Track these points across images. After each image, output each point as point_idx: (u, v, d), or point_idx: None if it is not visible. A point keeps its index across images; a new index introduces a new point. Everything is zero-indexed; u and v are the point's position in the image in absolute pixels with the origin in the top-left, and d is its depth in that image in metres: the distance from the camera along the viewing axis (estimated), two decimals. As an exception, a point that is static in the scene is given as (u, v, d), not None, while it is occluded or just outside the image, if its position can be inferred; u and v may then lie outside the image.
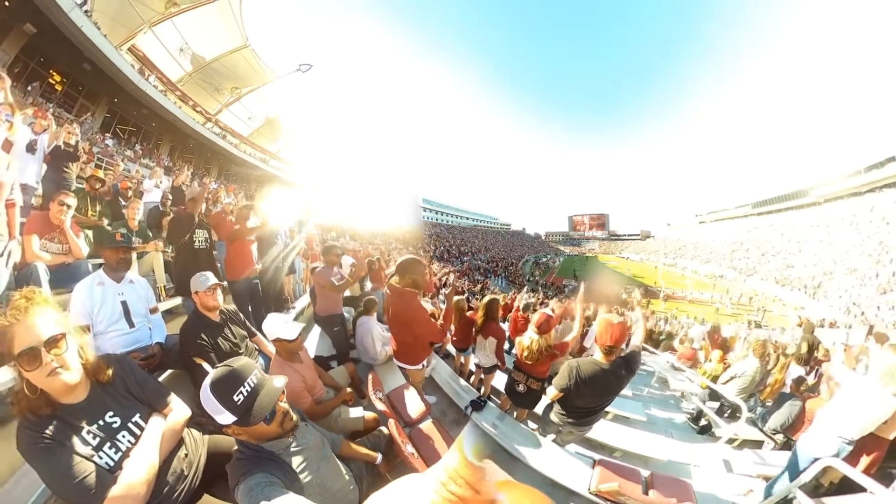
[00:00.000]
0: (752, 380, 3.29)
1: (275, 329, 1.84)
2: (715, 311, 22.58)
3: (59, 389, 0.96)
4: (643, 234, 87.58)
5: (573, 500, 2.05)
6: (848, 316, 18.20)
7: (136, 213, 3.63)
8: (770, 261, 34.12)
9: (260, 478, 0.89)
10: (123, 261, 1.98)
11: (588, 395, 2.06)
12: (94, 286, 1.85)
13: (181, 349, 1.86)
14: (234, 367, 0.99)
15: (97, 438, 0.99)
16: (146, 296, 2.09)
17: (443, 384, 3.22)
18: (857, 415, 1.98)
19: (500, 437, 2.51)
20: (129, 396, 1.13)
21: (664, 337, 7.64)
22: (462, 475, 0.37)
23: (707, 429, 3.51)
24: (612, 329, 1.90)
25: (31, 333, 0.91)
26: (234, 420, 0.93)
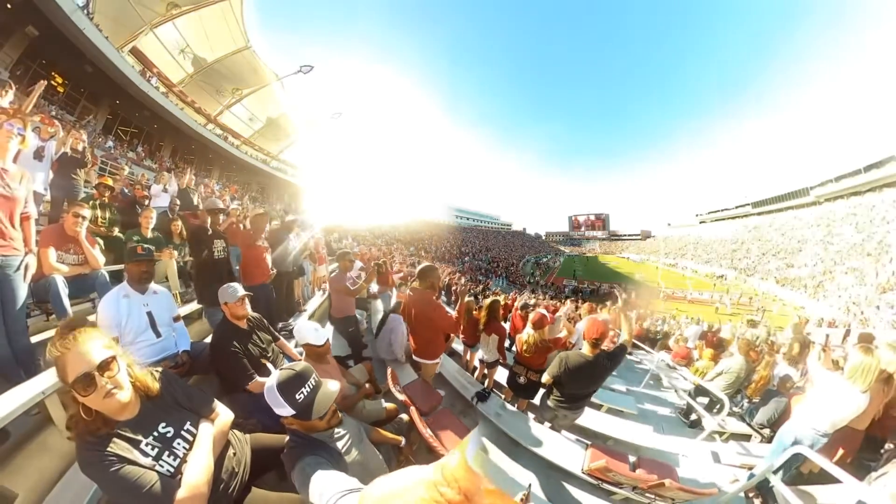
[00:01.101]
0: (737, 376, 3.45)
1: (305, 335, 2.02)
2: (715, 311, 22.68)
3: (114, 409, 1.02)
4: (643, 234, 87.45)
5: (569, 480, 2.24)
6: (848, 315, 18.18)
7: (150, 221, 3.61)
8: (770, 260, 34.09)
9: (311, 459, 1.05)
10: (146, 273, 2.04)
11: (576, 382, 2.40)
12: (120, 299, 1.91)
13: (215, 358, 1.94)
14: (297, 371, 1.16)
15: (155, 449, 1.06)
16: (169, 305, 2.16)
17: (450, 379, 3.48)
18: (829, 409, 2.14)
19: (503, 425, 2.76)
20: (178, 407, 1.21)
21: (660, 336, 7.77)
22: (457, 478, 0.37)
23: (697, 423, 3.67)
24: (596, 325, 2.27)
25: (83, 360, 0.96)
26: (293, 414, 1.11)
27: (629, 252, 71.28)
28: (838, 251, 28.05)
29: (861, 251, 25.71)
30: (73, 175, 4.15)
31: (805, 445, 2.04)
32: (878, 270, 21.81)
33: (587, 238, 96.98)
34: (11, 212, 1.76)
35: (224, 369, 1.90)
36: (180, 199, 5.42)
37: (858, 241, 27.61)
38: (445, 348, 3.43)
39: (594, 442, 2.56)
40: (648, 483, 1.89)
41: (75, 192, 4.17)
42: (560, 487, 2.32)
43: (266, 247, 3.52)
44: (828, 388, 2.19)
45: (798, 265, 29.90)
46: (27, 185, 1.88)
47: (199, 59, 22.07)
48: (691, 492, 1.83)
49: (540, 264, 54.71)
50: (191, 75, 22.32)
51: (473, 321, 3.77)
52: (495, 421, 2.85)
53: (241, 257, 3.42)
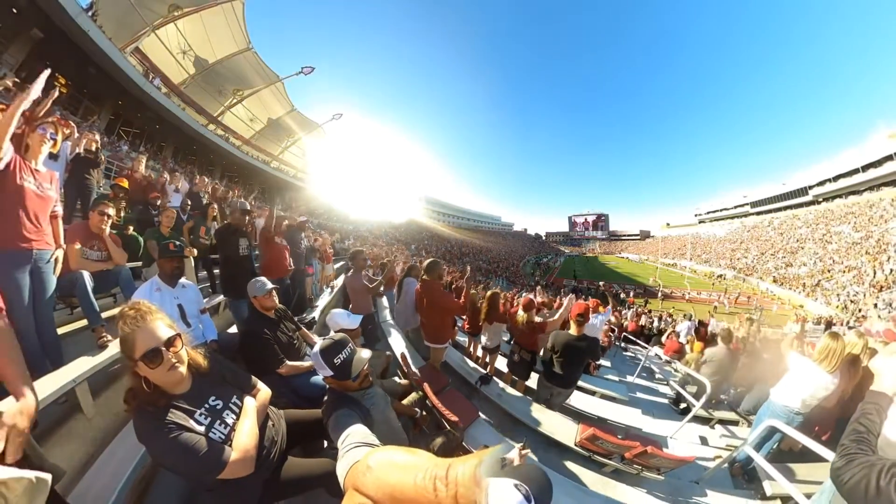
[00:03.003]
0: (720, 363, 3.66)
1: (339, 321, 2.24)
2: (713, 309, 22.73)
3: (174, 382, 1.12)
4: (643, 234, 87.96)
5: (564, 455, 2.50)
6: (845, 313, 18.39)
7: (171, 221, 3.74)
8: (769, 260, 34.28)
9: (344, 411, 1.24)
10: (178, 269, 2.19)
11: (563, 358, 2.89)
12: (153, 292, 2.05)
13: (248, 344, 2.12)
14: (336, 340, 1.37)
15: (208, 419, 1.17)
16: (197, 298, 2.29)
17: (456, 367, 3.77)
18: (800, 389, 2.36)
19: (504, 405, 3.04)
20: (225, 382, 1.34)
21: (655, 333, 8.00)
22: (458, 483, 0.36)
23: (687, 411, 3.84)
24: (579, 305, 2.87)
25: (152, 337, 1.06)
26: (332, 375, 1.33)
27: (628, 252, 71.75)
28: (836, 250, 28.24)
29: (859, 250, 25.92)
30: (86, 175, 4.28)
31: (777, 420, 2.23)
32: (875, 269, 22.07)
33: (587, 238, 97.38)
34: (44, 210, 1.88)
35: (256, 354, 2.06)
36: (191, 199, 5.61)
37: (856, 239, 27.82)
38: (453, 335, 3.74)
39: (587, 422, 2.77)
40: (633, 451, 2.08)
41: (88, 192, 4.30)
42: (556, 462, 2.52)
43: (286, 245, 3.74)
44: (799, 371, 2.40)
45: (796, 264, 30.09)
46: (56, 186, 2.00)
47: (201, 60, 22.16)
48: (671, 458, 2.02)
49: (540, 264, 54.95)
50: (192, 76, 22.37)
51: (476, 312, 4.06)
52: (497, 401, 3.12)
53: (263, 254, 3.61)
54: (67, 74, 15.75)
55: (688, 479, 2.34)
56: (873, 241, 25.86)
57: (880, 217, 28.57)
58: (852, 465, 0.78)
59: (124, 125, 19.21)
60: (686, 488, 2.24)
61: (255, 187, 26.98)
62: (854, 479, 0.75)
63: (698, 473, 2.39)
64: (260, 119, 28.75)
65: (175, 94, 20.72)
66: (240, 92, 25.65)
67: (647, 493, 2.06)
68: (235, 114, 26.73)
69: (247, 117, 27.84)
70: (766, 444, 2.45)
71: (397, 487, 0.45)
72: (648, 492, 2.08)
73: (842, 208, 35.41)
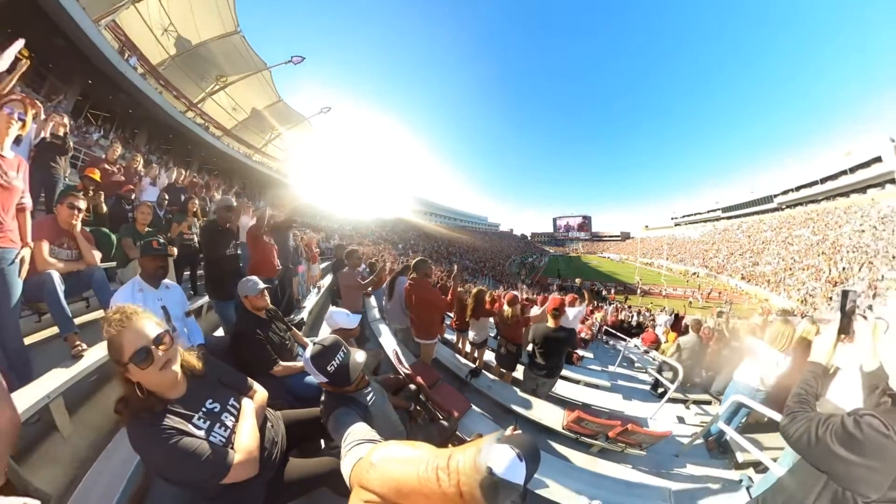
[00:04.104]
0: (692, 350, 4.01)
1: (338, 321, 2.20)
2: (688, 304, 24.30)
3: (168, 383, 1.06)
4: (623, 235, 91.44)
5: (553, 438, 2.63)
6: (805, 306, 20.21)
7: (147, 217, 3.40)
8: (738, 259, 36.95)
9: (343, 410, 1.23)
10: (162, 268, 2.03)
11: (543, 349, 3.07)
12: (136, 293, 1.90)
13: (240, 345, 2.05)
14: (326, 345, 1.32)
15: (207, 422, 1.12)
16: (181, 300, 2.15)
17: (446, 362, 3.85)
18: (757, 368, 2.64)
19: (495, 395, 3.15)
20: (221, 385, 1.29)
21: (634, 326, 8.46)
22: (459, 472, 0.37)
23: (664, 395, 4.10)
24: (554, 300, 3.09)
25: (140, 336, 1.00)
26: (327, 381, 1.30)
27: (610, 252, 74.62)
28: (797, 251, 30.96)
29: (817, 251, 28.49)
30: (52, 163, 3.80)
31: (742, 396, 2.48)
32: (830, 267, 24.47)
33: (570, 239, 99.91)
34: (9, 203, 1.66)
35: (249, 356, 2.00)
36: (168, 194, 5.05)
37: (814, 242, 30.57)
38: (441, 331, 3.78)
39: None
40: (616, 430, 2.23)
41: (54, 182, 3.87)
42: (546, 445, 2.64)
43: (274, 245, 3.62)
44: (757, 353, 2.69)
45: (762, 263, 32.62)
46: (24, 174, 1.79)
47: (184, 40, 19.81)
48: (651, 433, 2.19)
49: (525, 264, 55.86)
50: (172, 57, 19.95)
51: (463, 309, 4.16)
52: (487, 392, 3.23)
53: (252, 254, 3.46)
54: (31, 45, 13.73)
55: (668, 454, 2.53)
56: (829, 244, 28.47)
57: (835, 223, 31.62)
58: (795, 421, 0.90)
59: (93, 108, 16.92)
60: (667, 461, 2.43)
61: (235, 182, 24.79)
62: (798, 433, 0.87)
63: (677, 448, 2.60)
64: (243, 109, 26.62)
65: (152, 76, 18.37)
66: (223, 78, 23.30)
67: (633, 469, 2.23)
68: (217, 101, 24.48)
69: (229, 106, 25.62)
70: (735, 418, 2.70)
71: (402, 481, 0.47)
72: (633, 467, 2.25)
73: (802, 215, 39.08)
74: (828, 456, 0.78)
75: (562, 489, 1.78)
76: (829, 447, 0.77)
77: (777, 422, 1.56)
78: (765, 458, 1.79)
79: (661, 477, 2.21)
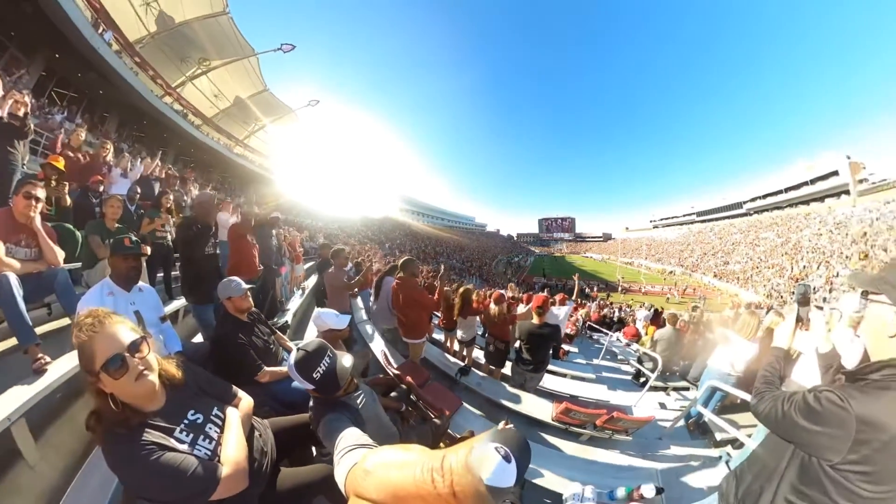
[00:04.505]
0: (669, 342, 4.26)
1: (329, 321, 2.09)
2: (665, 300, 26.20)
3: (145, 394, 0.98)
4: (605, 236, 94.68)
5: (544, 430, 2.70)
6: (770, 299, 22.36)
7: (117, 211, 3.08)
8: (710, 259, 39.88)
9: (333, 416, 1.17)
10: (134, 269, 1.85)
11: (529, 345, 3.15)
12: (105, 297, 1.71)
13: (222, 351, 1.92)
14: (310, 350, 1.25)
15: (190, 435, 1.04)
16: (156, 304, 1.98)
17: (435, 361, 3.85)
18: (727, 355, 2.87)
19: (485, 392, 3.19)
20: (203, 394, 1.20)
21: (616, 321, 8.85)
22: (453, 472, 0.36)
23: (646, 384, 4.33)
24: (537, 299, 3.14)
25: (113, 342, 0.92)
26: (314, 389, 1.23)
27: (592, 252, 77.46)
28: (763, 251, 33.77)
29: (780, 251, 31.28)
30: (9, 148, 3.41)
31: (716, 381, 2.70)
32: (792, 265, 27.02)
33: (555, 239, 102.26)
34: None
35: (231, 362, 1.88)
36: (140, 186, 4.54)
37: (778, 243, 33.52)
38: (429, 330, 3.83)
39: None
40: (602, 418, 2.34)
41: (11, 169, 3.47)
42: (537, 437, 2.70)
43: (255, 244, 3.44)
44: (727, 341, 2.94)
45: (732, 262, 35.36)
46: None
47: (166, 17, 17.98)
48: (635, 419, 2.31)
49: (511, 263, 56.65)
50: (153, 35, 18.04)
51: (450, 308, 4.16)
52: (478, 389, 3.26)
53: (233, 253, 3.28)
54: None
55: (653, 437, 2.69)
56: (791, 245, 31.36)
57: (797, 227, 35.01)
58: (763, 400, 0.98)
59: (59, 86, 14.83)
60: (652, 444, 2.58)
61: (214, 175, 23.13)
62: (766, 410, 0.95)
63: (661, 431, 2.76)
64: (226, 96, 24.46)
65: (128, 54, 16.36)
66: (206, 62, 21.26)
67: (621, 453, 2.35)
68: (198, 87, 22.25)
69: (211, 92, 23.37)
70: (711, 401, 2.89)
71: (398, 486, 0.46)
72: (621, 451, 2.37)
73: (768, 220, 42.92)
74: (793, 428, 0.86)
75: (556, 477, 1.85)
76: (794, 420, 0.85)
77: (748, 402, 1.70)
78: (740, 434, 1.95)
79: (647, 459, 2.34)
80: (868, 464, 0.75)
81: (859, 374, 0.87)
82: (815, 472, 0.82)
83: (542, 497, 1.81)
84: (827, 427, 0.79)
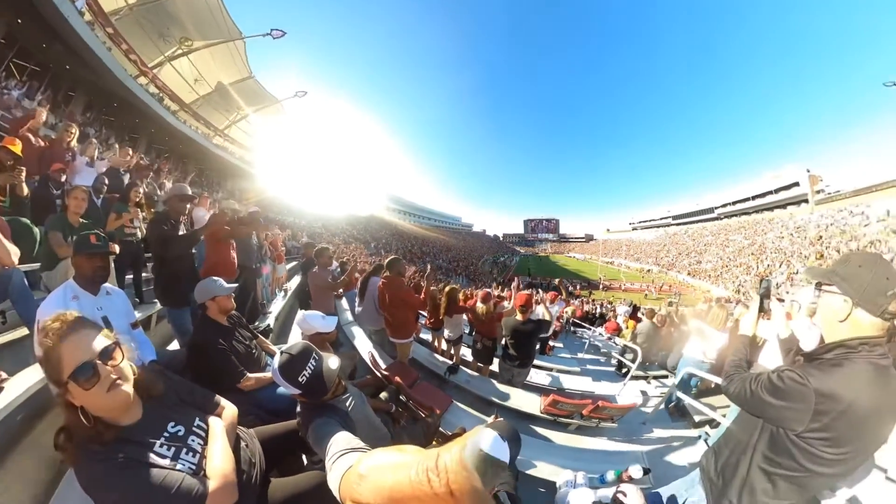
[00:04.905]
0: (648, 334, 4.53)
1: (315, 323, 2.02)
2: (643, 296, 27.87)
3: (119, 406, 0.90)
4: (587, 237, 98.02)
5: (533, 422, 2.78)
6: (738, 294, 24.47)
7: (82, 204, 2.75)
8: (685, 258, 43.00)
9: (322, 420, 1.12)
10: (101, 269, 1.69)
11: (514, 340, 3.24)
12: (69, 301, 1.55)
13: (201, 358, 1.81)
14: (294, 353, 1.20)
15: (171, 449, 0.97)
16: (126, 309, 1.81)
17: (423, 360, 3.85)
18: (700, 344, 3.11)
19: (474, 389, 3.22)
20: (183, 404, 1.13)
21: (598, 317, 9.27)
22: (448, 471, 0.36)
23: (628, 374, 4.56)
24: (521, 297, 3.20)
25: (82, 348, 0.84)
26: (300, 393, 1.18)
27: (575, 252, 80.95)
28: (732, 251, 36.88)
29: (747, 252, 34.25)
30: None
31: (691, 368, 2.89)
32: (757, 264, 29.74)
33: (540, 239, 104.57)
34: None
35: (212, 369, 1.77)
36: (108, 178, 4.07)
37: (745, 245, 36.45)
38: (416, 329, 3.80)
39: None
40: (588, 407, 2.44)
41: None
42: (527, 430, 2.76)
43: (233, 243, 3.20)
44: (699, 332, 3.17)
45: (704, 262, 38.40)
46: None
47: None
48: (619, 406, 2.44)
49: (497, 263, 57.38)
50: (130, 6, 16.37)
51: (436, 307, 4.14)
52: (467, 387, 3.27)
53: (209, 253, 3.04)
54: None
55: (637, 423, 2.85)
56: (757, 246, 34.54)
57: (762, 230, 38.62)
58: (733, 382, 1.07)
59: (19, 57, 13.03)
60: (637, 429, 2.75)
61: (190, 167, 20.99)
62: (736, 390, 1.04)
63: (644, 417, 2.92)
64: (207, 82, 22.50)
65: (101, 26, 14.60)
66: (188, 42, 19.44)
67: (608, 439, 2.48)
68: (177, 68, 20.33)
69: (191, 76, 21.36)
70: (688, 387, 3.11)
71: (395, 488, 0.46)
72: (609, 438, 2.50)
73: (736, 224, 46.78)
74: (761, 404, 0.95)
75: (548, 466, 1.92)
76: (761, 398, 0.94)
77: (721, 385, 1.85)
78: (715, 414, 2.12)
79: (633, 443, 2.49)
80: (828, 430, 0.84)
81: (815, 354, 0.97)
82: (783, 442, 0.91)
83: (537, 486, 1.87)
84: (790, 402, 0.88)
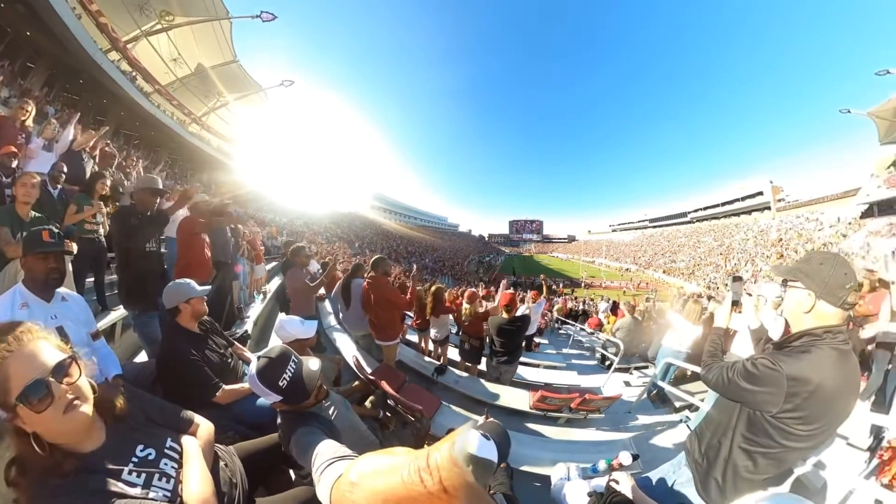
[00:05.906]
0: (628, 328, 4.74)
1: (292, 329, 1.92)
2: (623, 293, 29.38)
3: (78, 430, 0.79)
4: (570, 238, 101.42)
5: (524, 419, 2.83)
6: (709, 290, 26.54)
7: (32, 193, 2.34)
8: (660, 258, 46.34)
9: (304, 430, 1.05)
10: (55, 271, 1.48)
11: (500, 338, 3.28)
12: (17, 309, 1.37)
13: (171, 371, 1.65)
14: (272, 357, 1.14)
15: (142, 475, 0.87)
16: (85, 317, 1.60)
17: (410, 362, 3.82)
18: (677, 336, 3.30)
19: (463, 389, 3.22)
20: (152, 423, 1.03)
21: (581, 313, 9.64)
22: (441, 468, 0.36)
23: (611, 366, 4.76)
24: (505, 296, 3.29)
25: (33, 364, 0.72)
26: (281, 399, 1.11)
27: (558, 252, 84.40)
28: (703, 252, 40.49)
29: (717, 252, 37.38)
30: None
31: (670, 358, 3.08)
32: (726, 263, 32.72)
33: (524, 240, 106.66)
34: None
35: (183, 383, 1.62)
36: (68, 164, 3.45)
37: (715, 246, 40.18)
38: (402, 330, 3.72)
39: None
40: (576, 401, 2.52)
41: None
42: (518, 426, 2.79)
43: (207, 241, 2.88)
44: (676, 325, 3.38)
45: (678, 261, 41.64)
46: None
47: None
48: (605, 398, 2.54)
49: (483, 263, 57.97)
50: None
51: (423, 307, 4.11)
52: (455, 387, 3.26)
53: (182, 252, 2.73)
54: None
55: (622, 412, 2.97)
56: (725, 247, 37.98)
57: (730, 233, 42.65)
58: (710, 370, 1.14)
59: None
60: (622, 418, 2.87)
61: (162, 156, 19.06)
62: (714, 378, 1.11)
63: (629, 406, 3.05)
64: (186, 62, 20.55)
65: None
66: (169, 17, 17.50)
67: (597, 430, 2.59)
68: (154, 45, 18.32)
69: (169, 55, 19.33)
70: (667, 375, 3.25)
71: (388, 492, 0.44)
72: (597, 428, 2.61)
73: (707, 227, 51.98)
74: (738, 390, 1.02)
75: (542, 461, 1.97)
76: (737, 384, 1.02)
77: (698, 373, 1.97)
78: (694, 400, 2.28)
79: (620, 431, 2.60)
80: (799, 410, 0.91)
81: (784, 342, 1.05)
82: (760, 423, 0.98)
83: (532, 481, 1.91)
84: (764, 386, 0.95)
